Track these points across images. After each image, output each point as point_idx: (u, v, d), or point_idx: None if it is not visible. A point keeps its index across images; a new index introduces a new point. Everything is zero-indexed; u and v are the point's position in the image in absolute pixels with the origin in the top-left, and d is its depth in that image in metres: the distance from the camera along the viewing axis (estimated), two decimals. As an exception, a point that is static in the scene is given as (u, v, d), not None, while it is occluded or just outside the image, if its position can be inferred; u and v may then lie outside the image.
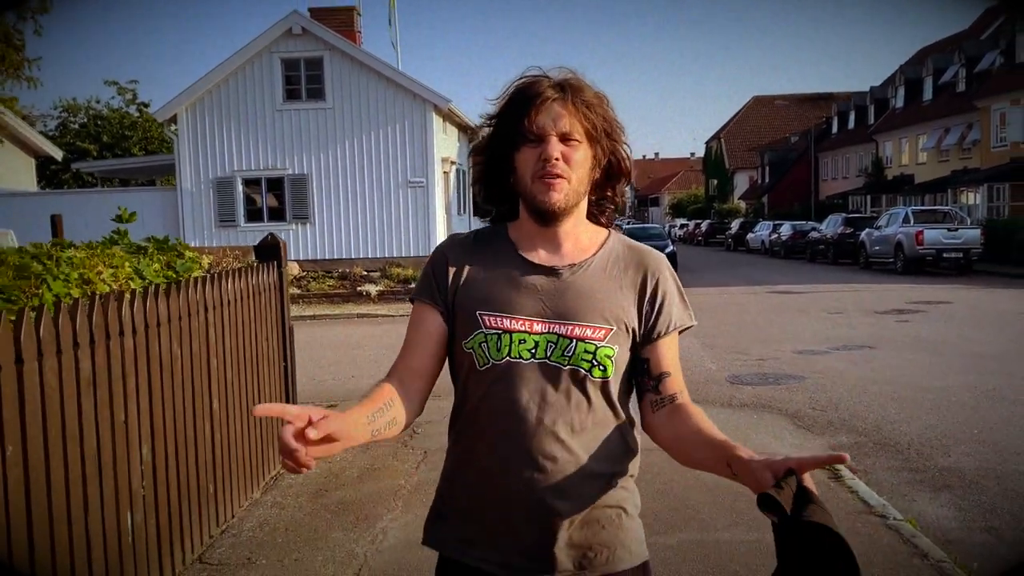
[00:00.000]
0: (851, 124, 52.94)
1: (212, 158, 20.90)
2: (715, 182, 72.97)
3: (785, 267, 30.10)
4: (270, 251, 6.01)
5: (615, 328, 1.78)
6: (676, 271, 1.94)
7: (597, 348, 1.75)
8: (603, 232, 1.90)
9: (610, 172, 1.85)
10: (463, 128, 25.91)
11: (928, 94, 42.14)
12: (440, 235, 21.28)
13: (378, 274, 20.45)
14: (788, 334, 13.01)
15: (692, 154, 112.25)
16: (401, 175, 21.08)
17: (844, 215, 33.12)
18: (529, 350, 1.75)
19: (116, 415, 3.65)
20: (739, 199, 66.38)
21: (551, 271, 1.80)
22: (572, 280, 1.79)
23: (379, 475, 5.86)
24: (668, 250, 28.33)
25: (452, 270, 1.84)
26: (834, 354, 11.12)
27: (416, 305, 1.87)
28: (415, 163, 20.91)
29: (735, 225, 47.99)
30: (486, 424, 1.78)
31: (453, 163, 24.24)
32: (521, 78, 1.81)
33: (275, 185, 21.07)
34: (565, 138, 1.75)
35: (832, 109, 57.71)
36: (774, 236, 38.42)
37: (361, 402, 1.67)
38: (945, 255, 24.41)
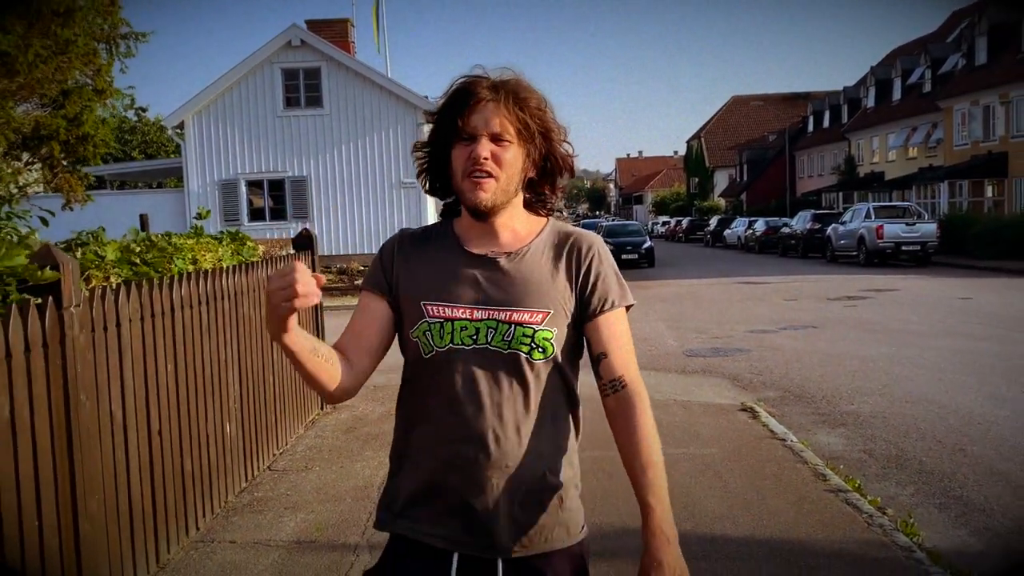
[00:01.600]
0: (826, 123, 54.71)
1: (217, 162, 22.35)
2: (696, 180, 74.68)
3: (757, 261, 31.76)
4: (305, 242, 7.54)
5: (552, 311, 1.86)
6: (653, 266, 2.40)
7: (535, 331, 1.84)
8: (541, 221, 1.98)
9: (546, 170, 1.94)
10: (451, 131, 27.43)
11: (897, 94, 43.89)
12: (431, 232, 22.79)
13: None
14: (745, 317, 14.59)
15: (675, 152, 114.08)
16: (394, 176, 22.61)
17: (813, 211, 34.81)
18: (471, 336, 1.83)
19: (221, 354, 5.17)
20: (719, 196, 68.10)
21: (490, 260, 1.88)
22: (509, 268, 1.87)
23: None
24: (646, 246, 29.93)
25: (399, 262, 1.93)
26: (780, 333, 12.70)
27: (363, 293, 1.97)
28: (407, 165, 22.41)
29: (713, 222, 49.69)
30: (432, 408, 1.87)
31: (442, 165, 25.76)
32: (461, 77, 1.88)
33: (276, 187, 22.58)
34: (496, 138, 1.83)
35: (808, 108, 59.52)
36: (749, 232, 40.10)
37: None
38: (904, 248, 26.09)
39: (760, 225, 38.95)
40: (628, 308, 1.95)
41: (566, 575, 1.88)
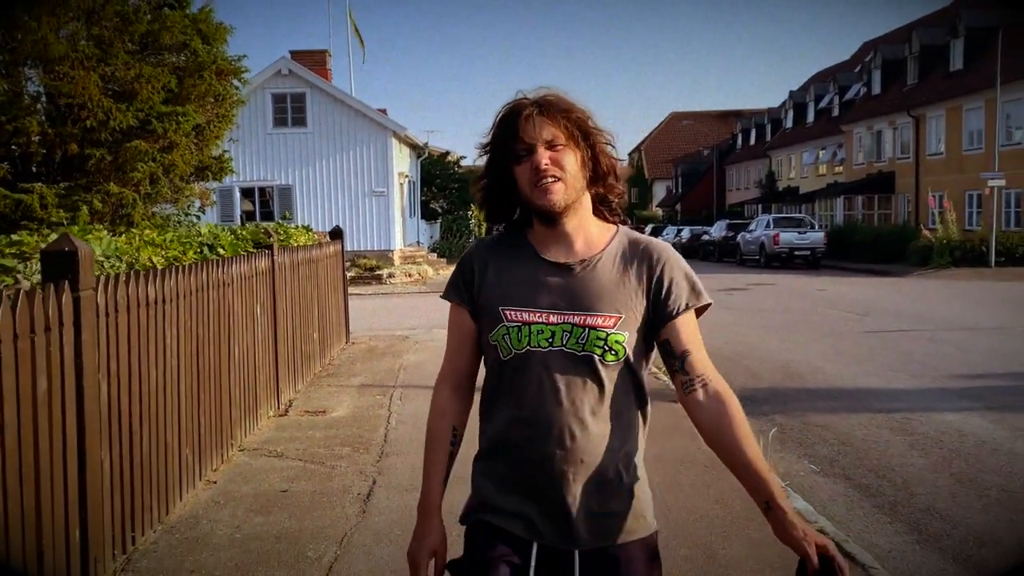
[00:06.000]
0: (752, 140, 59.75)
1: (216, 171, 26.27)
2: (636, 190, 79.53)
3: (678, 263, 36.37)
4: (337, 233, 11.70)
5: (624, 316, 1.99)
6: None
7: (608, 335, 1.97)
8: (611, 228, 2.11)
9: (598, 173, 2.06)
10: (414, 147, 31.68)
11: (811, 117, 48.91)
12: (398, 233, 27.02)
13: (349, 264, 25.99)
14: (646, 301, 18.98)
15: (620, 163, 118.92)
16: (367, 186, 26.78)
17: (728, 220, 39.63)
18: (547, 339, 1.98)
19: (311, 295, 9.33)
20: (657, 206, 73.00)
21: (565, 267, 2.02)
22: (583, 275, 2.01)
23: (401, 346, 11.58)
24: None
25: (477, 272, 2.09)
26: (668, 310, 17.10)
27: (451, 306, 2.14)
28: (378, 176, 26.63)
29: (648, 230, 54.39)
30: (512, 407, 2.02)
31: (407, 176, 29.99)
32: (506, 105, 2.04)
33: (266, 193, 26.56)
34: (551, 145, 1.98)
35: (737, 126, 64.64)
36: (676, 239, 44.81)
37: (439, 473, 2.12)
38: (796, 253, 30.81)
39: (686, 233, 43.74)
40: (702, 310, 2.12)
41: (640, 565, 2.01)
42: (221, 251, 6.80)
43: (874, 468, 6.40)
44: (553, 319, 1.98)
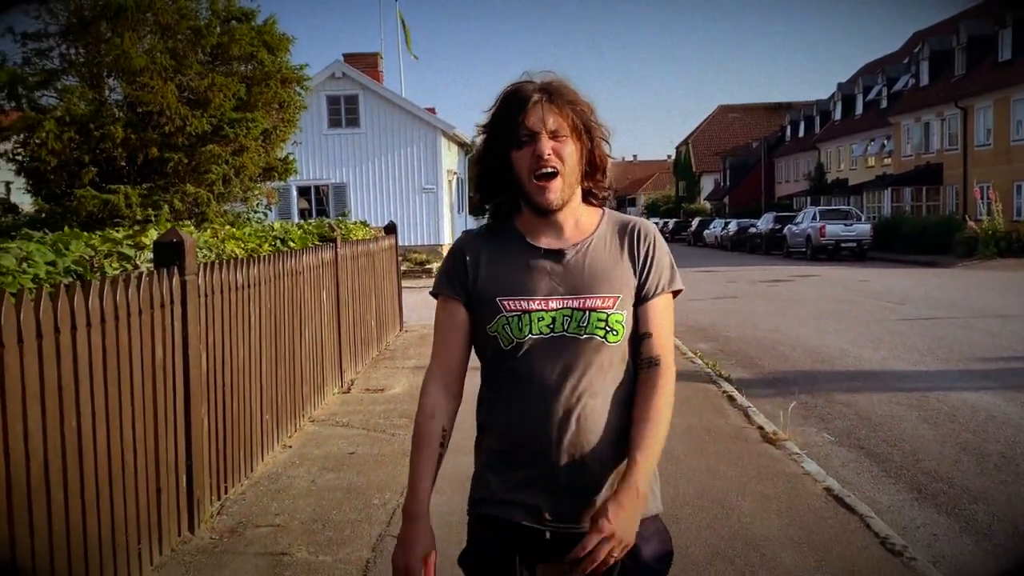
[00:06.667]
0: (801, 133, 59.55)
1: (273, 171, 27.33)
2: (684, 184, 79.58)
3: (724, 256, 36.74)
4: (392, 228, 12.47)
5: (622, 295, 2.01)
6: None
7: (608, 315, 1.98)
8: (598, 211, 2.12)
9: (591, 166, 2.05)
10: (462, 145, 32.49)
11: (859, 109, 48.75)
12: (446, 228, 27.83)
13: (401, 258, 26.88)
14: (690, 293, 19.46)
15: (668, 156, 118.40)
16: (417, 183, 27.65)
17: (774, 213, 39.78)
18: (548, 325, 1.97)
19: (368, 284, 10.10)
20: (705, 200, 73.03)
21: (558, 253, 2.02)
22: (577, 259, 2.02)
23: (446, 336, 12.35)
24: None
25: (470, 264, 2.07)
26: (710, 301, 17.61)
27: (440, 300, 2.10)
28: (428, 174, 27.49)
29: (695, 223, 54.71)
30: (516, 396, 2.01)
31: (455, 173, 30.82)
32: (510, 85, 2.03)
33: (321, 192, 27.56)
34: (554, 135, 1.96)
35: (786, 119, 64.44)
36: (723, 232, 45.09)
37: (428, 474, 2.03)
38: (843, 245, 31.00)
39: (733, 226, 43.97)
40: (676, 293, 2.13)
41: (651, 542, 2.02)
42: (291, 244, 7.57)
43: (887, 439, 6.96)
44: (553, 304, 1.99)
